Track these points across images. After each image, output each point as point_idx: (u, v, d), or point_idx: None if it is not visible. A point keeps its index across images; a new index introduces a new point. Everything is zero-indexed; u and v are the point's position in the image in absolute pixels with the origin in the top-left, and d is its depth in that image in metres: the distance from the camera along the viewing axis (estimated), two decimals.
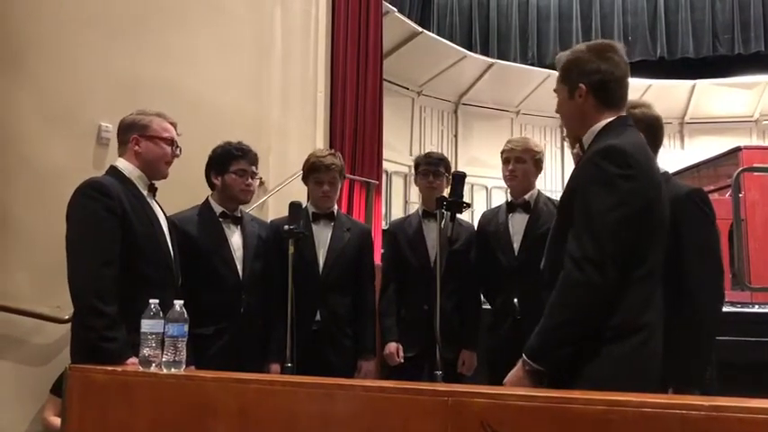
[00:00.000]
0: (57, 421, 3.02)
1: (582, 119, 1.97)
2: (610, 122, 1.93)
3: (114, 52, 3.87)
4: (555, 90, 2.05)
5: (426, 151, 3.86)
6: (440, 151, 5.22)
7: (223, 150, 2.91)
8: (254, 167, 2.92)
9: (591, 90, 1.93)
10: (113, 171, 2.47)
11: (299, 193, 3.65)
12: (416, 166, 3.36)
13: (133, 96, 3.78)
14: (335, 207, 3.19)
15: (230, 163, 2.88)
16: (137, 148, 2.47)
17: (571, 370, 1.77)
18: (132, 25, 4.02)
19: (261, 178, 3.01)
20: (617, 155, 1.81)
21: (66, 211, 2.34)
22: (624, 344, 1.76)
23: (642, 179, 1.80)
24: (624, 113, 1.98)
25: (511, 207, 3.15)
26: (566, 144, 2.93)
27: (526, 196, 3.12)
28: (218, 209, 2.90)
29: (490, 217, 3.26)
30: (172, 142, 2.53)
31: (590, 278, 1.74)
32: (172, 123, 2.57)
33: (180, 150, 2.58)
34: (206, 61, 4.49)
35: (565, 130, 2.11)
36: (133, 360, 2.17)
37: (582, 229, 1.80)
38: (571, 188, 1.91)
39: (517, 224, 3.09)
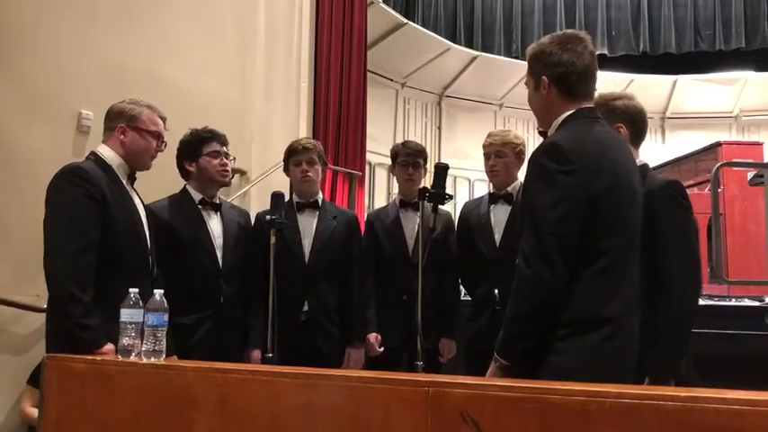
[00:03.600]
0: (34, 412, 2.99)
1: (547, 111, 1.99)
2: (570, 114, 1.93)
3: (96, 39, 3.83)
4: (525, 83, 2.06)
5: (403, 141, 3.85)
6: (423, 143, 5.22)
7: (191, 136, 2.90)
8: (225, 148, 2.91)
9: (553, 82, 1.94)
10: (95, 157, 2.44)
11: (282, 183, 3.64)
12: (394, 155, 3.34)
13: (115, 84, 3.74)
14: (320, 195, 3.18)
15: (201, 146, 2.87)
16: (122, 137, 2.45)
17: (535, 365, 1.80)
18: (115, 12, 3.98)
19: (234, 159, 2.98)
20: (556, 151, 1.83)
21: (45, 196, 2.32)
22: (587, 338, 1.78)
23: (584, 173, 1.80)
24: (589, 105, 1.98)
25: (493, 198, 3.16)
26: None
27: (509, 188, 3.14)
28: (197, 196, 2.88)
29: (472, 207, 3.27)
30: (158, 136, 2.51)
31: (538, 274, 1.77)
32: (162, 117, 2.55)
33: (165, 145, 2.57)
34: (189, 50, 4.46)
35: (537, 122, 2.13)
36: (109, 347, 2.16)
37: (528, 226, 1.83)
38: (523, 190, 1.95)
39: (499, 215, 3.10)
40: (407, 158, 3.27)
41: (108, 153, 2.45)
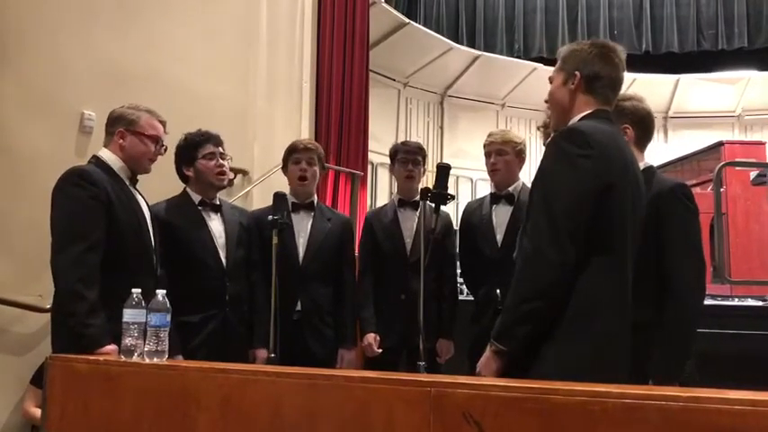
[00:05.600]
0: (37, 412, 3.00)
1: (569, 107, 2.00)
2: (588, 113, 1.96)
3: (98, 40, 3.83)
4: (550, 78, 2.08)
5: (402, 140, 3.87)
6: (425, 143, 5.22)
7: (186, 141, 2.90)
8: (220, 148, 2.91)
9: (584, 80, 1.97)
10: (96, 160, 2.47)
11: (284, 183, 3.63)
12: (393, 154, 3.35)
13: (117, 85, 3.75)
14: (315, 198, 3.19)
15: (197, 150, 2.87)
16: (121, 141, 2.48)
17: (532, 353, 1.78)
18: (117, 13, 3.98)
19: (231, 158, 2.97)
20: (576, 135, 1.85)
21: (50, 198, 2.34)
22: (583, 333, 1.77)
23: (601, 160, 1.81)
24: (608, 108, 2.00)
25: (495, 198, 3.16)
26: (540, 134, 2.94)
27: (510, 188, 3.14)
28: (196, 198, 2.89)
29: (474, 207, 3.27)
30: (157, 140, 2.54)
31: (545, 255, 1.76)
32: (161, 122, 2.57)
33: (165, 149, 2.60)
34: (192, 50, 4.46)
35: (549, 118, 2.12)
36: (111, 347, 2.17)
37: (540, 207, 1.83)
38: (537, 172, 1.94)
39: (501, 216, 3.10)
40: (407, 155, 3.27)
41: (109, 156, 2.49)
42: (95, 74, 3.77)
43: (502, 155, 3.12)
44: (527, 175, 2.49)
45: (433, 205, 2.69)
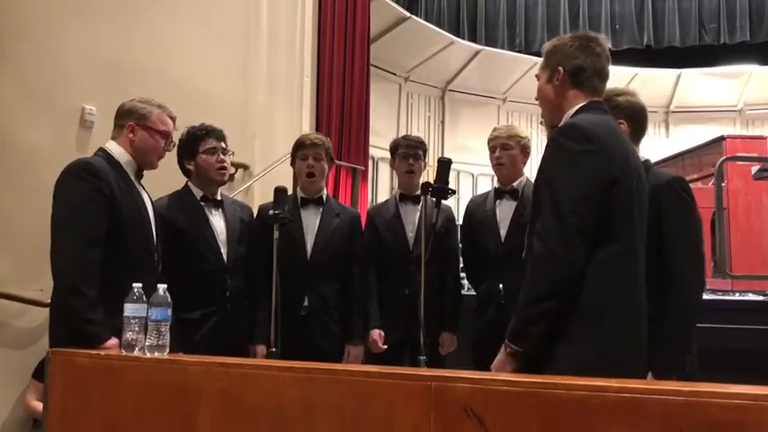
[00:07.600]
0: (39, 406, 3.00)
1: (557, 102, 2.01)
2: (583, 105, 1.96)
3: (99, 35, 3.83)
4: (536, 75, 2.10)
5: (403, 134, 3.86)
6: (426, 138, 5.23)
7: (188, 135, 2.89)
8: (223, 143, 2.89)
9: (568, 75, 1.98)
10: (103, 153, 2.45)
11: (285, 178, 3.64)
12: (394, 148, 3.34)
13: (117, 80, 3.75)
14: (324, 192, 3.17)
15: (198, 144, 2.85)
16: (131, 135, 2.46)
17: (546, 353, 1.78)
18: (118, 8, 3.98)
19: (233, 153, 2.96)
20: (576, 131, 1.86)
21: (53, 191, 2.32)
22: (600, 327, 1.77)
23: (603, 155, 1.82)
24: (599, 99, 2.01)
25: (499, 194, 3.16)
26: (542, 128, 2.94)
27: (515, 183, 3.13)
28: (198, 193, 2.88)
29: (478, 203, 3.27)
30: (167, 136, 2.52)
31: (555, 252, 1.75)
32: (171, 117, 2.55)
33: (173, 145, 2.59)
34: (192, 45, 4.46)
35: (542, 114, 2.14)
36: (113, 342, 2.17)
37: (546, 206, 1.83)
38: (539, 171, 1.94)
39: (505, 211, 3.10)
40: (408, 150, 3.26)
41: (116, 150, 2.46)
42: (96, 69, 3.76)
43: (507, 149, 3.11)
44: (530, 169, 2.48)
45: (434, 200, 2.68)
